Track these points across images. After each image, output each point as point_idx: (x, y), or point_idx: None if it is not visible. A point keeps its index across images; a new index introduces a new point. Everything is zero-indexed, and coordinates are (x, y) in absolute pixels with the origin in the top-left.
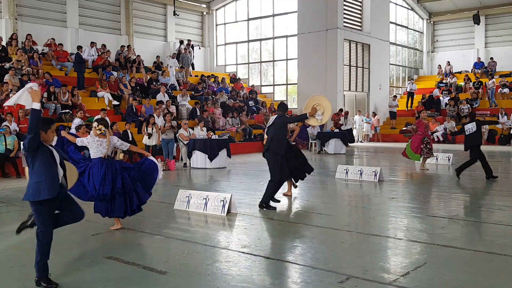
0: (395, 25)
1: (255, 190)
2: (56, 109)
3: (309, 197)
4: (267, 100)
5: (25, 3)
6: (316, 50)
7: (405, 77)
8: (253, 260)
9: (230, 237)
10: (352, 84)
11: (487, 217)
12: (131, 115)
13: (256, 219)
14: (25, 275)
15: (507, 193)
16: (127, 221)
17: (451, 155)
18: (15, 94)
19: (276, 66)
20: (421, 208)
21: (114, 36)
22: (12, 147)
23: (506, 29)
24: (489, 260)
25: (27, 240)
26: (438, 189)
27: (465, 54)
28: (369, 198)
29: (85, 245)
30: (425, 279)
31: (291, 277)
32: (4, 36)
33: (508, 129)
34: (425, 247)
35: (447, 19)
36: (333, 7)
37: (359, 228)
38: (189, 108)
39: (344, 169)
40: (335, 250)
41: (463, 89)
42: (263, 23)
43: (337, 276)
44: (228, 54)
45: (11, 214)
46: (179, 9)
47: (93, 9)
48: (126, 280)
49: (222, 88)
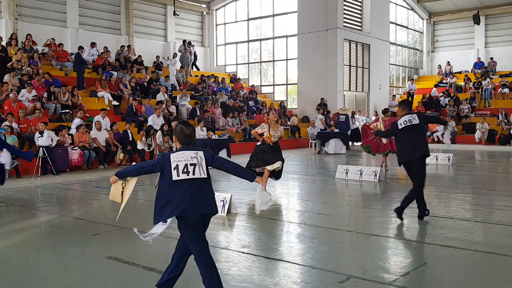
0: (395, 25)
1: (255, 190)
2: (56, 109)
3: (309, 197)
4: (267, 100)
5: (25, 3)
6: (316, 50)
7: (405, 77)
8: (253, 260)
9: (230, 237)
10: (352, 84)
11: (487, 217)
12: (131, 115)
13: (256, 219)
14: (25, 275)
15: (507, 193)
16: (127, 221)
17: (451, 155)
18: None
19: (276, 66)
20: None
21: (114, 36)
22: None
23: (506, 29)
24: (489, 260)
25: (27, 240)
26: (438, 189)
27: (465, 54)
28: (369, 198)
29: (85, 245)
30: (425, 279)
31: (291, 277)
32: (4, 36)
33: (508, 129)
34: (425, 247)
35: (447, 19)
36: (333, 7)
37: (359, 228)
38: (189, 108)
39: (344, 169)
40: (335, 250)
41: (463, 89)
42: (263, 23)
43: (337, 276)
44: (228, 54)
45: (11, 214)
46: (179, 9)
47: (93, 9)
48: (126, 280)
49: (222, 88)
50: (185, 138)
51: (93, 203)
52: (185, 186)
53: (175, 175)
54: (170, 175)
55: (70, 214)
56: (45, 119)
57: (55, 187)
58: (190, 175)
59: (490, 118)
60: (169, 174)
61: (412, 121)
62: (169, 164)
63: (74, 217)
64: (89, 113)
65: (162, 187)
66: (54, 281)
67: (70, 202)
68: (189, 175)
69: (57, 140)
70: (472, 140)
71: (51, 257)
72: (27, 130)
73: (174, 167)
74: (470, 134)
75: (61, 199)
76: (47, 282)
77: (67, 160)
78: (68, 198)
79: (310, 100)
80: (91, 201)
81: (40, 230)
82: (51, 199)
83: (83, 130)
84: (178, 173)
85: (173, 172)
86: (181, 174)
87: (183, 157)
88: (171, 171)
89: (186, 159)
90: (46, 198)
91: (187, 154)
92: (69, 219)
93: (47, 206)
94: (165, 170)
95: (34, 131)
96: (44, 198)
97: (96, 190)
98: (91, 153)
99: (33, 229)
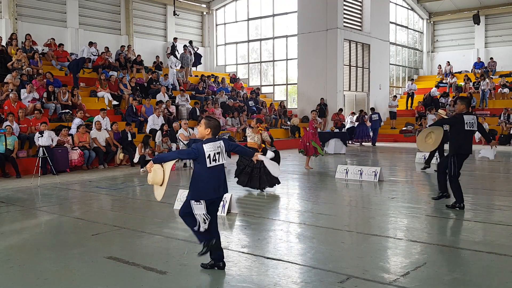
0: (395, 25)
1: (255, 190)
2: (56, 109)
3: (309, 197)
4: (267, 100)
5: (25, 3)
6: (316, 50)
7: (405, 77)
8: (253, 260)
9: (230, 237)
10: (352, 84)
11: (487, 217)
12: (131, 115)
13: (256, 219)
14: (25, 275)
15: (507, 193)
16: (127, 221)
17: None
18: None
19: (276, 66)
20: (421, 208)
21: (114, 36)
22: (12, 147)
23: (506, 29)
24: (489, 260)
25: (27, 240)
26: (438, 189)
27: (465, 54)
28: (369, 198)
29: (85, 245)
30: (425, 279)
31: (291, 277)
32: (4, 36)
33: (508, 129)
34: (425, 247)
35: (447, 19)
36: (333, 7)
37: (359, 228)
38: (189, 108)
39: (344, 169)
40: (335, 250)
41: (463, 89)
42: (263, 23)
43: (337, 276)
44: (228, 54)
45: (11, 214)
46: (179, 9)
47: (93, 9)
48: (126, 280)
49: (222, 88)
50: (217, 130)
51: (93, 203)
52: (216, 171)
53: (208, 162)
54: (205, 162)
55: (70, 214)
56: (45, 119)
57: (55, 187)
58: (218, 162)
59: (490, 118)
60: (203, 161)
61: (473, 126)
62: (202, 153)
63: (74, 217)
64: (89, 113)
65: (198, 171)
66: (54, 281)
67: (70, 202)
68: (217, 162)
69: (57, 140)
70: (472, 140)
71: (51, 257)
72: (27, 130)
73: (207, 156)
74: None
75: (61, 199)
76: (47, 282)
77: (67, 160)
78: (68, 198)
79: (310, 100)
80: (91, 201)
81: (40, 230)
82: (51, 199)
83: (83, 130)
84: (210, 161)
85: (207, 160)
86: (212, 162)
87: (213, 148)
88: (205, 159)
89: (214, 150)
90: (46, 198)
91: (214, 145)
92: (69, 219)
93: (47, 206)
94: (199, 158)
95: (34, 131)
96: (44, 198)
97: (96, 190)
98: (91, 153)
99: (33, 229)
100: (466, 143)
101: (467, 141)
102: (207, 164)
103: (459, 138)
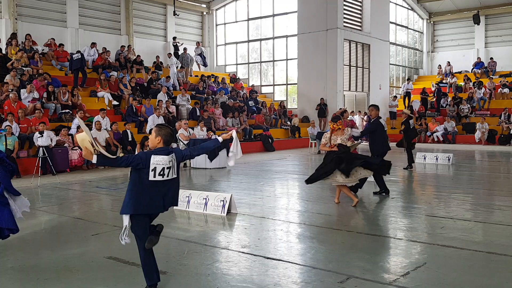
0: (395, 25)
1: (255, 190)
2: (56, 109)
3: (309, 197)
4: (267, 100)
5: (25, 3)
6: (316, 50)
7: (405, 77)
8: (253, 260)
9: (230, 237)
10: (352, 84)
11: (487, 217)
12: (131, 115)
13: (256, 219)
14: (25, 275)
15: (507, 193)
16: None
17: (451, 155)
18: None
19: (276, 66)
20: (421, 208)
21: (114, 36)
22: (12, 147)
23: (506, 29)
24: (489, 260)
25: (27, 240)
26: (438, 189)
27: (465, 54)
28: (369, 198)
29: (85, 245)
30: (425, 279)
31: (291, 277)
32: (4, 36)
33: (508, 129)
34: (425, 247)
35: (447, 19)
36: (333, 7)
37: (359, 228)
38: (189, 108)
39: None
40: (335, 250)
41: (463, 89)
42: (263, 23)
43: (337, 276)
44: (228, 54)
45: None
46: (179, 9)
47: (93, 9)
48: (126, 280)
49: (222, 88)
50: (169, 139)
51: (93, 203)
52: (162, 185)
53: (152, 176)
54: (147, 175)
55: (70, 214)
56: (45, 119)
57: (55, 187)
58: (165, 176)
59: (490, 118)
60: (147, 171)
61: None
62: (147, 165)
63: (74, 217)
64: (89, 113)
65: (134, 181)
66: (54, 281)
67: (70, 202)
68: (164, 177)
69: (56, 140)
70: (472, 140)
71: (51, 257)
72: (27, 130)
73: (152, 169)
74: (470, 134)
75: (61, 199)
76: (47, 282)
77: (67, 160)
78: (68, 198)
79: (310, 100)
80: (91, 201)
81: (40, 230)
82: (51, 199)
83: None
84: (155, 174)
85: (150, 173)
86: (158, 176)
87: (162, 161)
88: (149, 172)
89: (164, 164)
90: (46, 198)
91: (166, 159)
92: (69, 219)
93: (47, 206)
94: (145, 168)
95: (34, 131)
96: (44, 198)
97: (96, 190)
98: None
99: (33, 229)
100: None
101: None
102: (149, 177)
103: (382, 139)
